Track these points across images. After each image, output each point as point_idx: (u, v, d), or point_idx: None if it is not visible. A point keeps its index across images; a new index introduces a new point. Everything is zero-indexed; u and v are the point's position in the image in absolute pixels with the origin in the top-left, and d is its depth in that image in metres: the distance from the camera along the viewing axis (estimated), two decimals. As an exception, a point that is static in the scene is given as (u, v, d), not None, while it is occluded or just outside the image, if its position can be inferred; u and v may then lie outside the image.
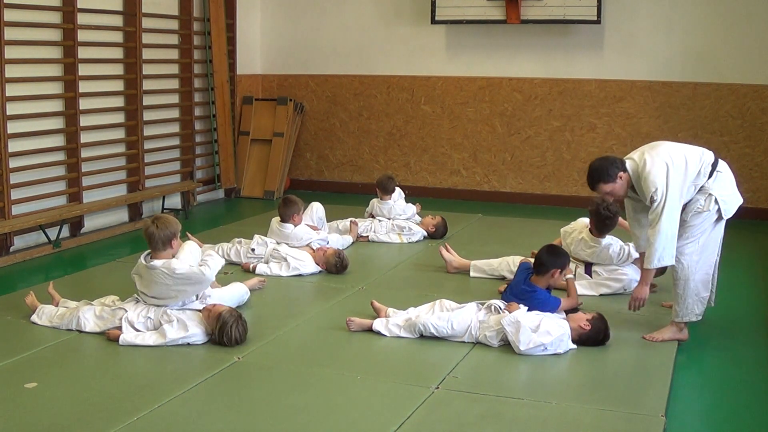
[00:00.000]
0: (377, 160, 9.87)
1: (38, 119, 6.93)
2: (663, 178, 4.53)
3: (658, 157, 4.60)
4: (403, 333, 4.74)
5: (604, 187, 4.75)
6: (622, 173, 4.70)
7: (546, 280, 5.05)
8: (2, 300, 5.46)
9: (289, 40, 10.05)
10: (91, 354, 4.52)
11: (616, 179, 4.71)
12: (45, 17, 6.95)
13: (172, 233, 4.74)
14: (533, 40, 9.01)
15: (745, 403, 4.14)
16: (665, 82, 8.65)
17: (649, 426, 3.70)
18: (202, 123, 9.18)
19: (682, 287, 4.71)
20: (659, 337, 4.77)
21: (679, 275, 4.72)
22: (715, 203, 4.65)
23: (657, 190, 4.53)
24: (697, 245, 4.68)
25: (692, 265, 4.68)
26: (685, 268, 4.69)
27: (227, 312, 4.60)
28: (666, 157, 4.59)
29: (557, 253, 5.15)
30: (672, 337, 4.77)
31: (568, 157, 9.12)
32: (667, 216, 4.53)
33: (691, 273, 4.69)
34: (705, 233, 4.69)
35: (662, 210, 4.53)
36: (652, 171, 4.56)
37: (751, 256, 7.00)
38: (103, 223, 7.75)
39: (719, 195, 4.66)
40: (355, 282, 5.94)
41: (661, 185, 4.53)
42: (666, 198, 4.52)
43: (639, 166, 4.64)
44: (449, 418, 3.76)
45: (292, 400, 3.96)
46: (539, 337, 4.46)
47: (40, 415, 3.72)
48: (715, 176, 4.67)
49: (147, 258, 4.75)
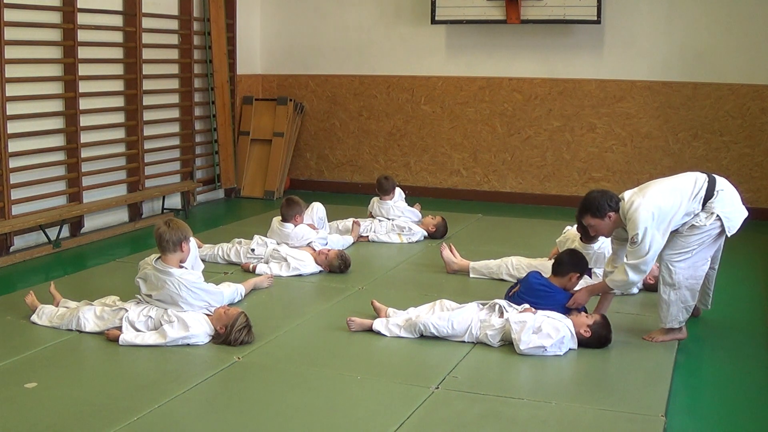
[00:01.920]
0: (377, 160, 9.87)
1: (38, 119, 6.93)
2: (644, 225, 4.51)
3: (647, 203, 4.56)
4: (403, 333, 4.74)
5: (590, 220, 4.78)
6: (612, 213, 4.71)
7: (563, 282, 5.00)
8: (2, 300, 5.46)
9: (289, 40, 10.05)
10: (91, 354, 4.52)
11: (604, 217, 4.72)
12: (45, 17, 6.95)
13: (184, 236, 4.73)
14: (533, 40, 9.01)
15: (745, 403, 4.14)
16: (665, 82, 8.65)
17: (649, 426, 3.70)
18: (202, 123, 9.18)
19: (668, 293, 4.71)
20: (659, 338, 4.77)
21: (666, 282, 4.71)
22: (716, 220, 4.64)
23: (638, 234, 4.53)
24: (690, 258, 4.67)
25: (682, 275, 4.68)
26: (674, 277, 4.68)
27: (243, 316, 4.62)
28: (653, 206, 4.55)
29: (579, 257, 5.10)
30: (672, 338, 4.77)
31: (568, 157, 9.12)
32: (641, 261, 4.57)
33: (679, 283, 4.68)
34: (702, 247, 4.68)
35: (638, 252, 4.56)
36: (637, 214, 4.53)
37: (751, 256, 6.99)
38: (103, 223, 7.75)
39: (722, 213, 4.65)
40: (355, 282, 5.94)
41: (641, 230, 4.52)
42: (644, 243, 4.52)
43: (626, 207, 4.63)
44: (449, 418, 3.76)
45: (292, 400, 3.96)
46: (540, 339, 4.46)
47: (40, 415, 3.72)
48: (717, 195, 4.66)
49: (158, 261, 4.74)
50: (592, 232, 4.90)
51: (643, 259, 4.56)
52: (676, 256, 4.67)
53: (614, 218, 4.71)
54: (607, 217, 4.71)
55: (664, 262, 4.71)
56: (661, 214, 4.55)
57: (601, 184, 8.84)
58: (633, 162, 8.88)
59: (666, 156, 8.73)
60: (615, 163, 8.96)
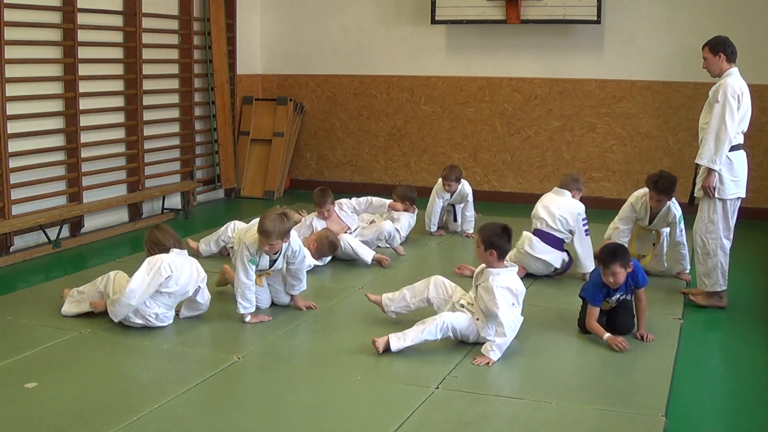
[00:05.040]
0: (377, 160, 9.87)
1: (38, 119, 6.93)
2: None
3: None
4: (427, 336, 4.53)
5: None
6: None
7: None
8: (2, 300, 5.46)
9: (289, 40, 10.05)
10: (91, 354, 4.51)
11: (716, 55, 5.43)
12: (45, 17, 6.95)
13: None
14: (533, 40, 9.01)
15: (745, 404, 4.14)
16: (665, 82, 8.65)
17: (649, 426, 3.70)
18: (202, 123, 9.18)
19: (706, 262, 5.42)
20: (700, 300, 5.47)
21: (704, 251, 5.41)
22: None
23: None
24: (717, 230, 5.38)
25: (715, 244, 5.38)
26: (708, 247, 5.39)
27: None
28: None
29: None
30: (713, 304, 5.44)
31: (568, 157, 9.12)
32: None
33: (713, 251, 5.37)
34: (717, 215, 5.38)
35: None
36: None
37: (751, 256, 7.00)
38: (103, 223, 7.75)
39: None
40: (355, 282, 5.94)
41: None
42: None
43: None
44: (449, 418, 3.76)
45: (292, 400, 3.96)
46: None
47: (40, 415, 3.72)
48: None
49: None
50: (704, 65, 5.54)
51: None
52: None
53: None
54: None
55: (698, 235, 5.38)
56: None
57: (601, 185, 8.86)
58: (633, 162, 8.87)
59: (666, 156, 8.73)
60: (615, 163, 8.96)
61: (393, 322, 4.89)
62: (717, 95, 5.35)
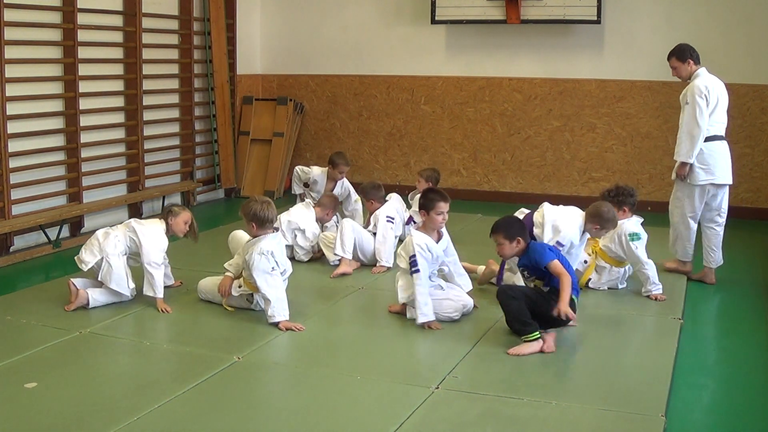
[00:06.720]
0: (377, 160, 9.87)
1: (38, 119, 6.93)
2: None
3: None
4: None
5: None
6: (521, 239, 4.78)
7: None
8: (2, 300, 5.46)
9: (289, 40, 10.05)
10: (91, 354, 4.51)
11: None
12: (45, 17, 6.96)
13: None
14: (533, 40, 9.01)
15: (745, 403, 4.13)
16: (665, 82, 8.63)
17: (649, 426, 3.70)
18: (202, 123, 9.18)
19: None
20: (668, 265, 6.06)
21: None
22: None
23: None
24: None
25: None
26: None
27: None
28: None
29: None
30: (678, 269, 6.07)
31: (568, 157, 9.12)
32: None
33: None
34: (684, 194, 5.96)
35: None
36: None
37: (751, 256, 7.00)
38: (103, 223, 7.70)
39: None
40: (355, 282, 5.95)
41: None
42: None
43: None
44: (449, 418, 3.76)
45: (292, 400, 3.96)
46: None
47: (40, 415, 3.72)
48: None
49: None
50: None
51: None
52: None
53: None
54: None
55: (669, 208, 6.04)
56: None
57: (601, 184, 8.82)
58: (633, 162, 8.88)
59: (666, 156, 8.71)
60: (615, 163, 8.96)
61: (393, 322, 4.88)
62: (686, 97, 5.94)
